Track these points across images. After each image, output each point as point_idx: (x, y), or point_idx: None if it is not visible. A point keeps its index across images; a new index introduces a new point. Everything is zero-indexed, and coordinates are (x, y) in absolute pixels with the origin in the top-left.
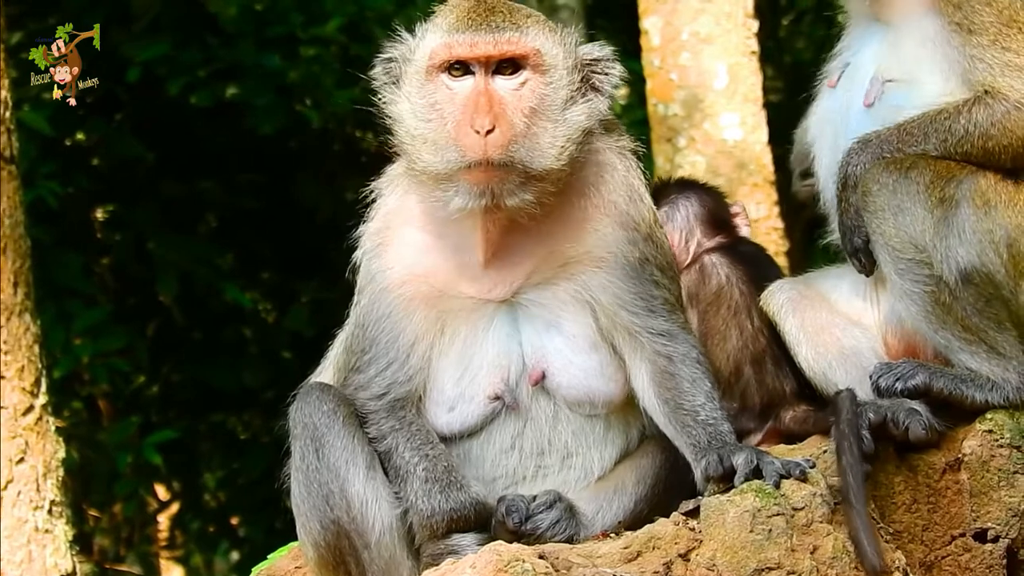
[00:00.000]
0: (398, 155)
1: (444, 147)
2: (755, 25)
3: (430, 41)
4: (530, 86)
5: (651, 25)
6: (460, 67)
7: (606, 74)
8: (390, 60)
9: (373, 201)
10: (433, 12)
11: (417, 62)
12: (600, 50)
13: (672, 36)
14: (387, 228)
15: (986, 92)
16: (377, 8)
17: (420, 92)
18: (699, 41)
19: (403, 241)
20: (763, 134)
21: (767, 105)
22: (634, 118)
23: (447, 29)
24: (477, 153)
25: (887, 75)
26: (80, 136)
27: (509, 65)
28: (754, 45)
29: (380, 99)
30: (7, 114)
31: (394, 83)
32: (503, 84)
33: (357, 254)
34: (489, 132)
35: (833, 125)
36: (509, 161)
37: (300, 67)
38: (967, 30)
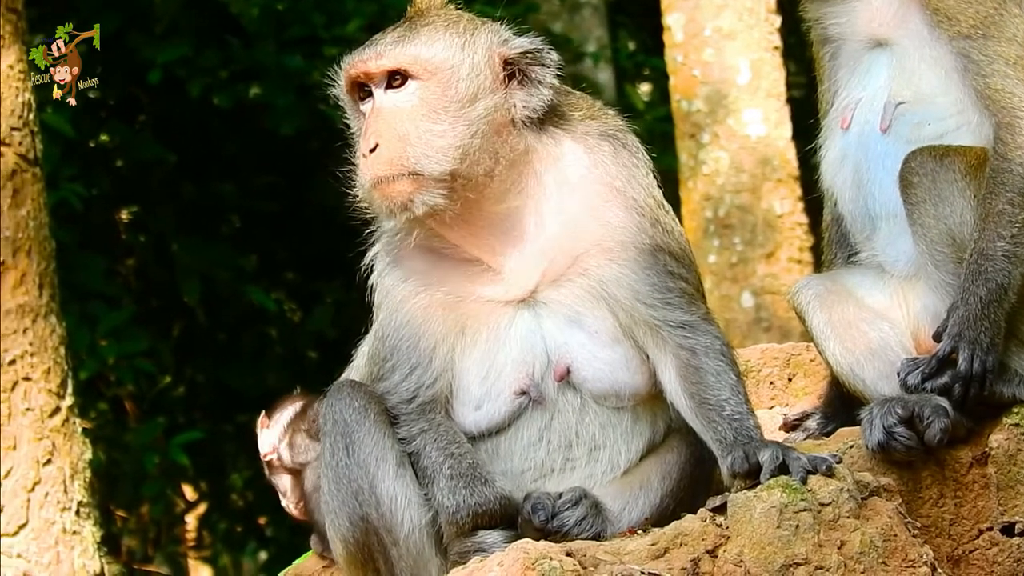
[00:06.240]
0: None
1: (359, 170)
2: (778, 20)
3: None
4: (419, 94)
5: (674, 21)
6: (366, 89)
7: (543, 65)
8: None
9: (375, 223)
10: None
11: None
12: (531, 42)
13: (695, 32)
14: (393, 246)
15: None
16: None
17: (351, 116)
18: (722, 37)
19: (412, 255)
20: (787, 129)
21: (790, 100)
22: (657, 115)
23: (354, 52)
24: (367, 173)
25: (899, 98)
26: (104, 138)
27: (398, 78)
28: (777, 40)
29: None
30: (31, 117)
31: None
32: (393, 99)
33: (372, 278)
34: (373, 151)
35: (853, 160)
36: (398, 174)
37: (322, 67)
38: (959, 33)
